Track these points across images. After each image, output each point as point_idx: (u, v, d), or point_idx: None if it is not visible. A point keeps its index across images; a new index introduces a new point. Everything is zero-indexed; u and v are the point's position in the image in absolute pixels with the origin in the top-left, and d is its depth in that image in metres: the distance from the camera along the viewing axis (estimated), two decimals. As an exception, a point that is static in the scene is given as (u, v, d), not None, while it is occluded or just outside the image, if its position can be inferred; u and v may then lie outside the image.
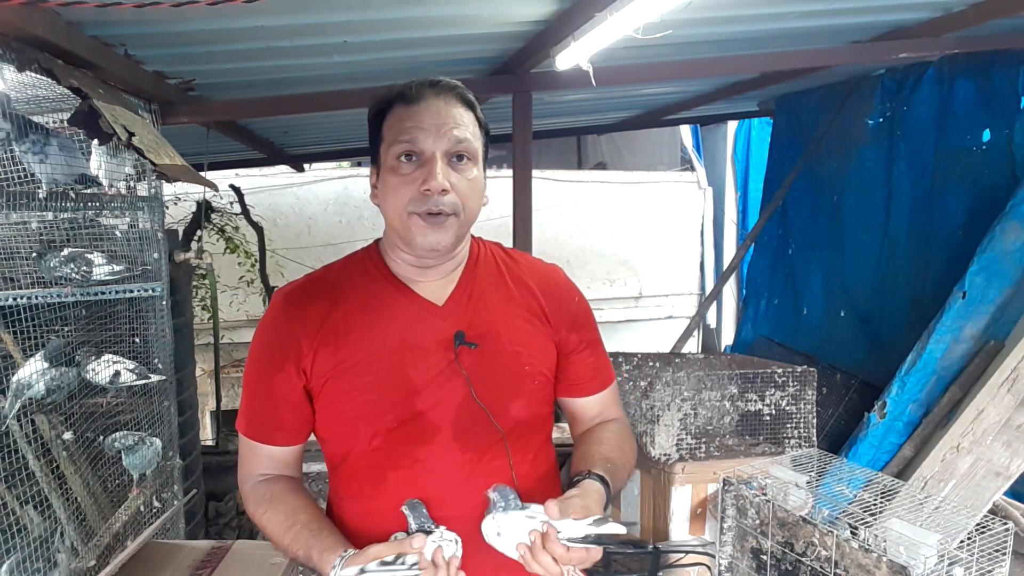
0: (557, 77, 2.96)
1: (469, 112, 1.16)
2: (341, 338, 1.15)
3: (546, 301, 1.25)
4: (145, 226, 2.46)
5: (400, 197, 1.11)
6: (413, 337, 1.16)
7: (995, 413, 2.79)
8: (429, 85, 1.14)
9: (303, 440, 1.23)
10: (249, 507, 1.21)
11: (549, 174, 7.48)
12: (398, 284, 1.20)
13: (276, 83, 3.05)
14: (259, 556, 1.83)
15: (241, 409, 1.22)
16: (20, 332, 1.98)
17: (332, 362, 1.15)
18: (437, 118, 1.11)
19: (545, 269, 1.31)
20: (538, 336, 1.23)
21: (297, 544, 1.11)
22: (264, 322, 1.21)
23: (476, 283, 1.22)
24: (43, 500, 1.96)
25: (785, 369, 2.90)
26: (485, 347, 1.17)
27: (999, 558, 2.01)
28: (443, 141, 1.10)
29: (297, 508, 1.16)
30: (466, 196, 1.13)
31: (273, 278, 4.99)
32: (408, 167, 1.11)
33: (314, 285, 1.21)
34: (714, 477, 2.70)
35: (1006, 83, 3.17)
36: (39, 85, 2.11)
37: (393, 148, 1.12)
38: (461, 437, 1.15)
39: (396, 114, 1.14)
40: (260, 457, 1.21)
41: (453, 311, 1.19)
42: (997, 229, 2.94)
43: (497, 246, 1.31)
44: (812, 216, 4.41)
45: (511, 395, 1.19)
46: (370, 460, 1.16)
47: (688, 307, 8.30)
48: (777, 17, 2.71)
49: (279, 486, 1.20)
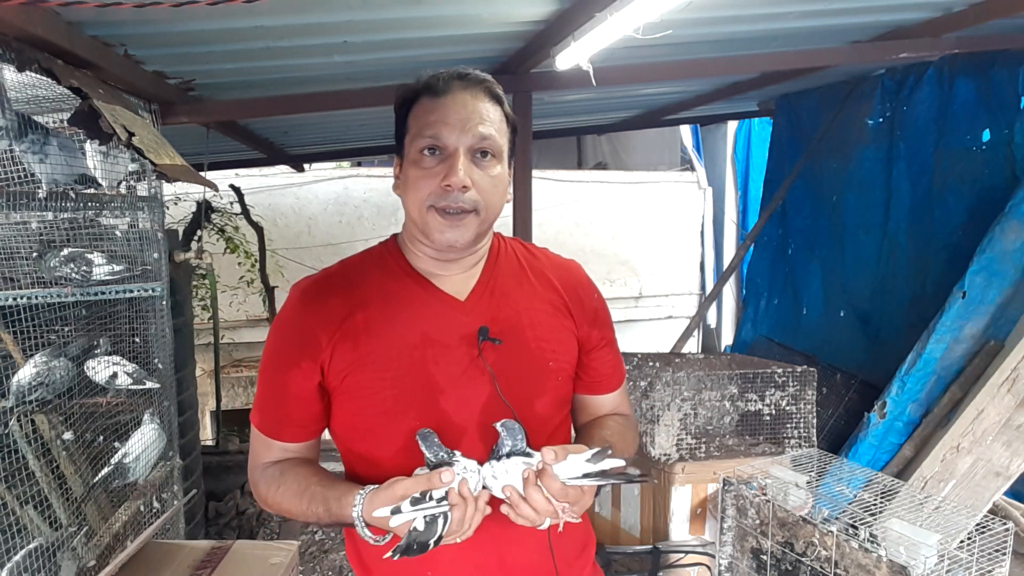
0: (557, 77, 2.96)
1: (497, 107, 1.14)
2: (361, 333, 1.13)
3: (569, 296, 1.23)
4: (145, 226, 2.46)
5: (420, 190, 1.09)
6: (435, 332, 1.13)
7: (995, 413, 2.79)
8: (457, 77, 1.12)
9: (314, 437, 1.21)
10: (260, 491, 1.19)
11: (549, 174, 7.48)
12: (419, 278, 1.17)
13: (276, 83, 3.05)
14: (259, 556, 1.84)
15: (255, 401, 1.21)
16: (20, 332, 1.98)
17: (351, 357, 1.12)
18: (463, 112, 1.09)
19: (565, 264, 1.30)
20: (562, 331, 1.21)
21: (314, 505, 1.08)
22: (281, 317, 1.18)
23: (498, 278, 1.20)
24: (43, 500, 1.96)
25: (785, 369, 2.90)
26: (509, 343, 1.15)
27: (999, 558, 2.01)
28: (467, 137, 1.08)
29: (308, 474, 1.14)
30: (488, 193, 1.11)
31: (273, 278, 4.99)
32: (431, 161, 1.09)
33: (332, 280, 1.18)
34: (714, 477, 2.70)
35: (1006, 83, 3.17)
36: (39, 85, 2.11)
37: (417, 141, 1.10)
38: (487, 439, 1.11)
39: (422, 106, 1.12)
40: (272, 449, 1.20)
41: (476, 306, 1.16)
42: (997, 229, 2.94)
43: (517, 241, 1.30)
44: (812, 216, 4.42)
45: (536, 392, 1.17)
46: (395, 462, 1.10)
47: (688, 307, 8.30)
48: (777, 17, 2.71)
49: (288, 463, 1.18)
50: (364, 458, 1.17)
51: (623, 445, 1.21)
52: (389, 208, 7.17)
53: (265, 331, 3.35)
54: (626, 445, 1.23)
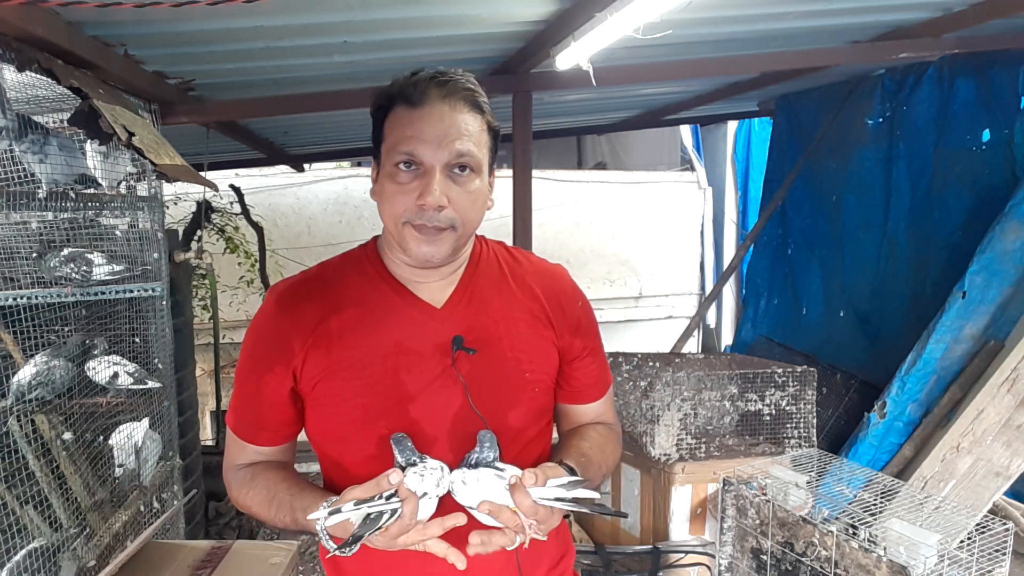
0: (557, 77, 2.96)
1: (477, 117, 1.09)
2: (334, 340, 1.11)
3: (550, 305, 1.21)
4: (145, 226, 2.46)
5: (396, 206, 1.07)
6: (409, 341, 1.12)
7: (995, 413, 2.79)
8: (436, 84, 1.06)
9: (287, 441, 1.21)
10: (232, 492, 1.19)
11: (549, 174, 7.48)
12: (396, 285, 1.15)
13: (276, 83, 3.05)
14: (259, 556, 1.84)
15: (231, 404, 1.20)
16: (20, 332, 1.98)
17: (323, 364, 1.11)
18: (439, 127, 1.05)
19: (550, 270, 1.26)
20: (540, 341, 1.18)
21: (281, 513, 1.09)
22: (257, 321, 1.18)
23: (477, 285, 1.18)
24: (43, 500, 1.96)
25: (785, 369, 2.90)
26: (484, 353, 1.13)
27: (999, 558, 2.01)
28: (443, 153, 1.05)
29: (277, 480, 1.13)
30: (464, 209, 1.08)
31: (273, 278, 4.98)
32: (406, 176, 1.06)
33: (309, 284, 1.17)
34: (714, 477, 2.70)
35: (1006, 83, 3.17)
36: (39, 85, 2.11)
37: (392, 154, 1.07)
38: (457, 448, 1.10)
39: (398, 115, 1.08)
40: (245, 451, 1.20)
41: (452, 314, 1.15)
42: (997, 229, 2.94)
43: (500, 245, 1.27)
44: (812, 216, 4.42)
45: (510, 403, 1.15)
46: (366, 469, 1.07)
47: (688, 307, 8.30)
48: (777, 17, 2.71)
49: (260, 467, 1.18)
50: (337, 463, 1.16)
51: (601, 457, 1.20)
52: (389, 208, 7.15)
53: (265, 331, 3.34)
54: (604, 457, 1.21)
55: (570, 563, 1.29)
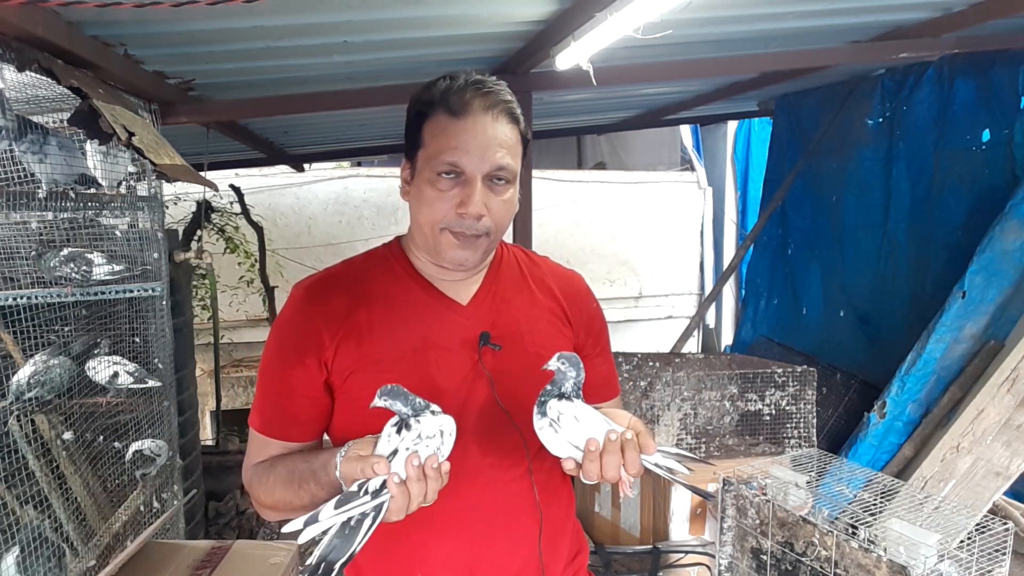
0: (557, 77, 2.96)
1: (515, 128, 1.12)
2: (364, 334, 1.13)
3: (568, 304, 1.25)
4: (145, 226, 2.46)
5: (435, 212, 1.10)
6: (437, 336, 1.14)
7: (995, 413, 2.79)
8: (479, 94, 1.09)
9: (317, 437, 1.20)
10: (255, 491, 1.16)
11: (549, 174, 7.48)
12: (422, 282, 1.18)
13: (276, 83, 3.05)
14: (259, 556, 1.83)
15: (255, 404, 1.19)
16: (20, 332, 1.98)
17: (354, 356, 1.12)
18: (482, 138, 1.08)
19: (566, 274, 1.32)
20: (560, 339, 1.22)
21: (304, 483, 1.06)
22: (284, 316, 1.18)
23: (499, 284, 1.22)
24: (43, 500, 1.96)
25: (785, 369, 2.90)
26: (508, 348, 1.16)
27: (999, 558, 2.01)
28: (485, 164, 1.08)
29: (295, 459, 1.12)
30: (500, 217, 1.12)
31: (273, 278, 4.99)
32: (447, 183, 1.09)
33: (335, 279, 1.19)
34: (714, 477, 2.70)
35: (1006, 83, 3.17)
36: (39, 85, 2.11)
37: (433, 161, 1.09)
38: (481, 441, 1.13)
39: (439, 123, 1.10)
40: (268, 447, 1.18)
41: (477, 311, 1.18)
42: (997, 229, 2.94)
43: (518, 248, 1.31)
44: (811, 216, 4.42)
45: (533, 398, 1.16)
46: None
47: (688, 307, 8.30)
48: (777, 17, 2.71)
49: (278, 456, 1.16)
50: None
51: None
52: (389, 208, 7.17)
53: (265, 331, 3.35)
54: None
55: (584, 561, 1.32)
